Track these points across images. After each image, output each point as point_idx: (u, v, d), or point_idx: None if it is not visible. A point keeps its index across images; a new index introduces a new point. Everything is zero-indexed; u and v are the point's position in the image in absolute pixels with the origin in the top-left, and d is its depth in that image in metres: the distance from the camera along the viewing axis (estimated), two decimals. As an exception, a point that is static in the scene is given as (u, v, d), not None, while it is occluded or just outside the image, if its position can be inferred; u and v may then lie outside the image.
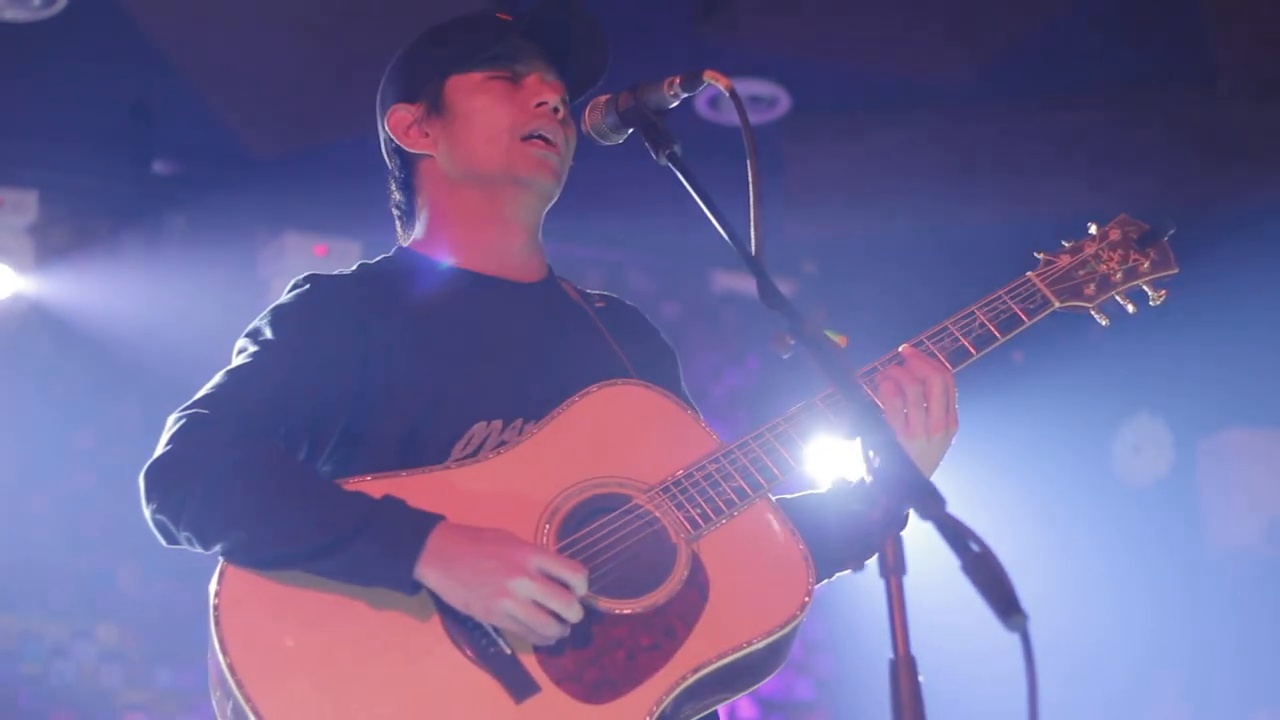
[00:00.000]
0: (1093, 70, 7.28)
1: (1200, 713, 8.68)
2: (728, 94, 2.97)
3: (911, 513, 2.30)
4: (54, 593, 7.65)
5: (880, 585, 2.21)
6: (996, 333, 3.23)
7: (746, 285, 8.28)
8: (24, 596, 7.60)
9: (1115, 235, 3.40)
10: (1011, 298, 3.27)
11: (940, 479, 2.37)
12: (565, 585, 2.79)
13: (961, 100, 7.45)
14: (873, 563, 2.26)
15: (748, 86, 7.34)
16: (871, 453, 2.38)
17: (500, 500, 2.95)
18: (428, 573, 2.79)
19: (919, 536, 2.33)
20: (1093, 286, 3.34)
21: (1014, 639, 2.08)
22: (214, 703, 2.86)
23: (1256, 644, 8.45)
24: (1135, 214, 3.45)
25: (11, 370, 7.70)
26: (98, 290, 7.73)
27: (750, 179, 2.89)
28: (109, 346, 7.71)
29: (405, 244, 3.42)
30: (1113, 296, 3.35)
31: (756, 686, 2.98)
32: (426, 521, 2.84)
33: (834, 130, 7.79)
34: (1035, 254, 3.37)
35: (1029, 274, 3.33)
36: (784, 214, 7.95)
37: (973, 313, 3.24)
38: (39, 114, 7.34)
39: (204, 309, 7.54)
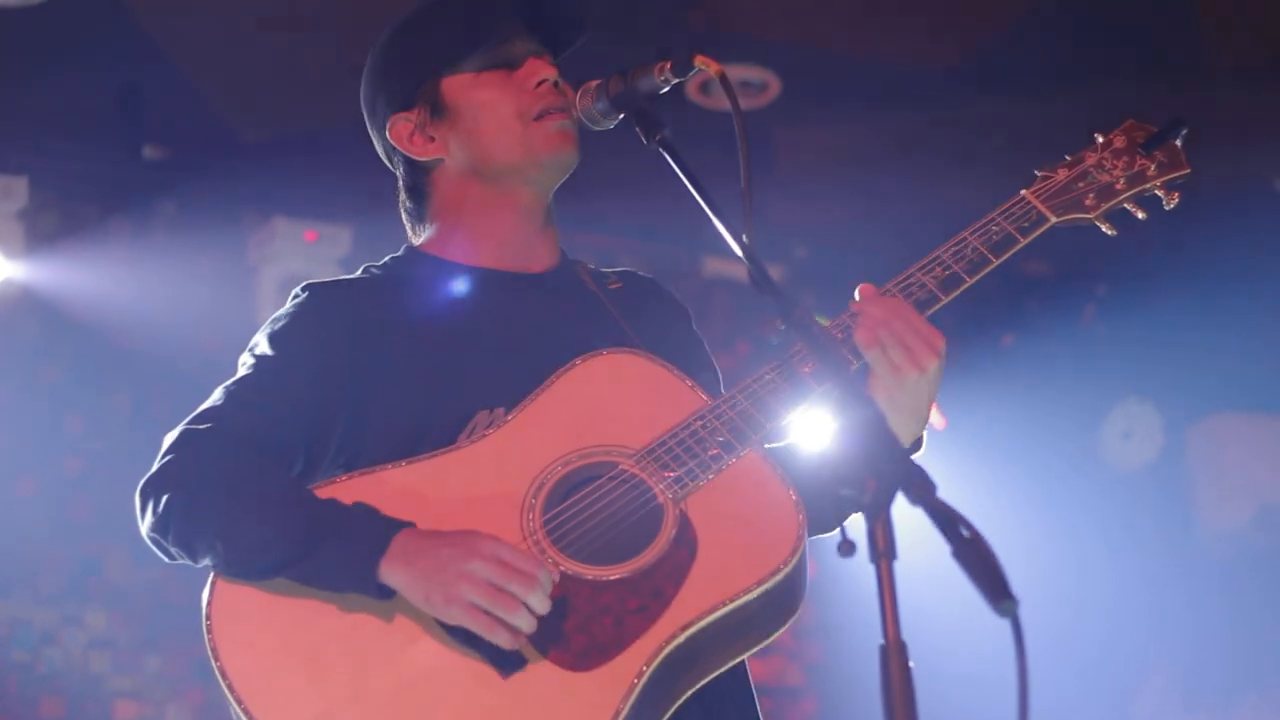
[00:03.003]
0: (1082, 55, 7.28)
1: (1190, 697, 8.70)
2: (718, 79, 2.98)
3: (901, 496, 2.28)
4: (43, 579, 7.64)
5: (871, 570, 2.21)
6: (990, 255, 3.10)
7: (737, 270, 8.27)
8: (13, 583, 7.59)
9: (1120, 142, 3.26)
10: (1005, 218, 3.15)
11: (929, 464, 2.36)
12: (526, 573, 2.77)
13: (952, 85, 7.44)
14: (863, 547, 2.26)
15: (738, 72, 7.33)
16: (860, 436, 2.37)
17: (486, 482, 2.94)
18: (391, 573, 2.80)
19: (909, 521, 2.32)
20: (1093, 197, 3.19)
21: (1004, 624, 2.08)
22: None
23: (1246, 629, 8.47)
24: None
25: (0, 356, 7.69)
26: (87, 275, 7.71)
27: (741, 164, 2.89)
28: (98, 332, 7.69)
29: (416, 243, 3.39)
30: (1120, 205, 3.21)
31: (765, 643, 2.90)
32: (391, 527, 2.85)
33: (824, 115, 7.78)
34: (1035, 171, 3.24)
35: (1023, 191, 3.20)
36: (774, 199, 7.94)
37: (964, 239, 3.13)
38: (28, 99, 7.32)
39: (193, 294, 7.53)
